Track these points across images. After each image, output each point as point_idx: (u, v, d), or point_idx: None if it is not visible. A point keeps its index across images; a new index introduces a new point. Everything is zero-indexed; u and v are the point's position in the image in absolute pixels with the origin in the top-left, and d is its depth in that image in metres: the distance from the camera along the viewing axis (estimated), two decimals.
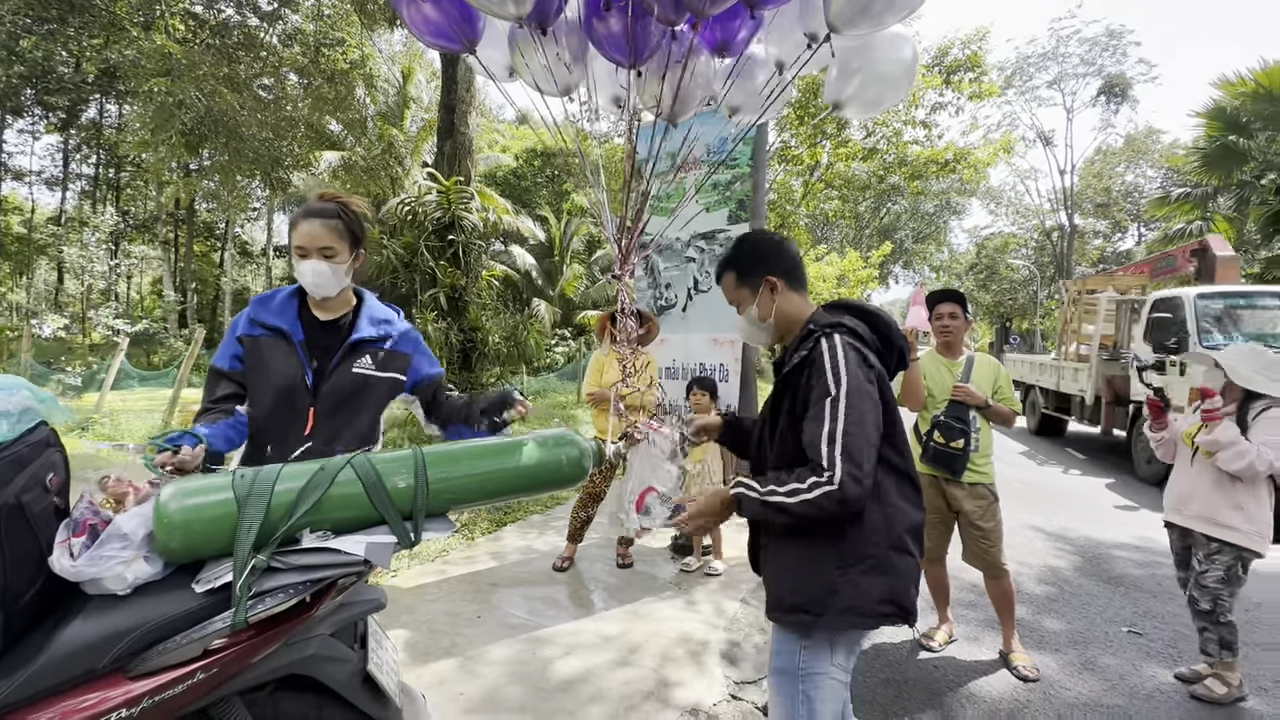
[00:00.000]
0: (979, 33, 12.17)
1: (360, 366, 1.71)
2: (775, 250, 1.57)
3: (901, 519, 1.39)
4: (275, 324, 1.68)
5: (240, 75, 10.58)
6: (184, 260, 27.20)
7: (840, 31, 1.77)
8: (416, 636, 2.87)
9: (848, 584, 1.34)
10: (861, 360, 1.38)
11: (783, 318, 1.55)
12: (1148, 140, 35.05)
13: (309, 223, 1.65)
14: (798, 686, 1.39)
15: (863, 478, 1.27)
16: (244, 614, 1.13)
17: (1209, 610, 2.51)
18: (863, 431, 1.30)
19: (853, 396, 1.32)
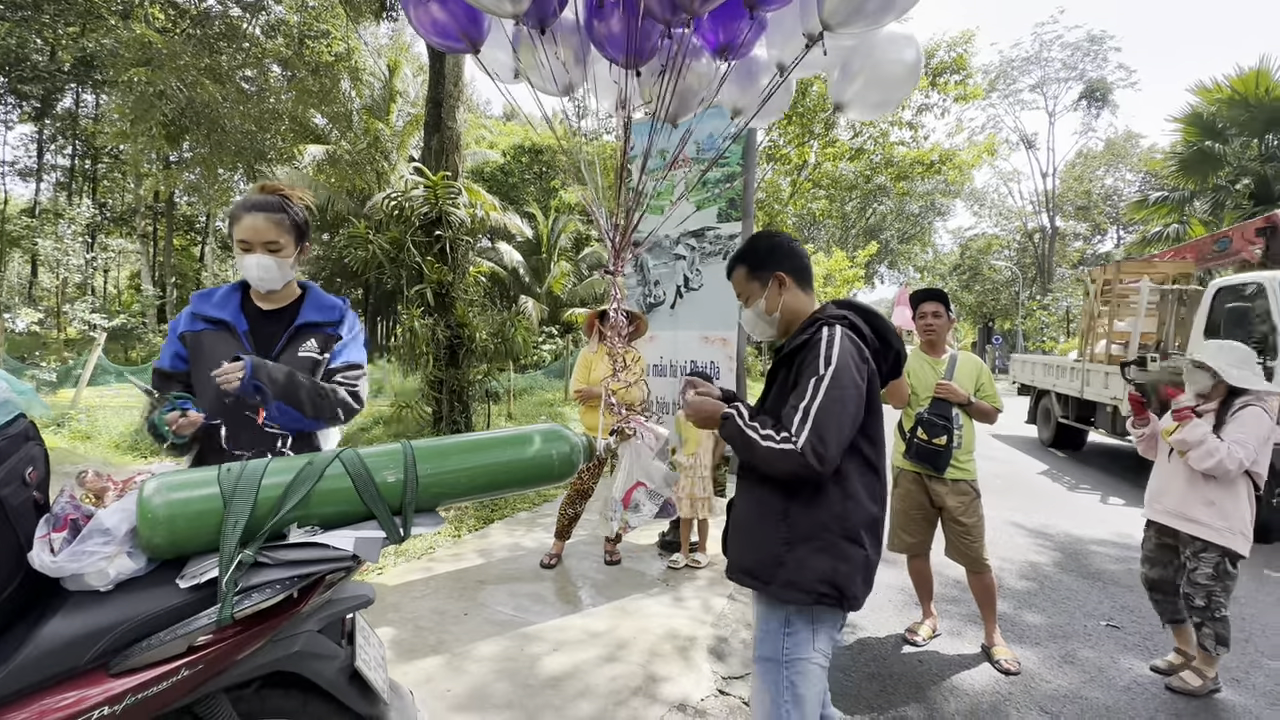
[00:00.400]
0: (965, 36, 12.31)
1: (306, 350, 1.70)
2: (787, 249, 1.65)
3: (859, 511, 1.45)
4: (217, 316, 1.67)
5: (222, 66, 10.40)
6: (163, 254, 26.70)
7: (834, 30, 1.77)
8: (403, 634, 2.86)
9: (793, 559, 1.43)
10: (856, 353, 1.44)
11: (788, 313, 1.62)
12: (1127, 144, 35.69)
13: (252, 216, 1.63)
14: (782, 673, 1.45)
15: (824, 453, 1.34)
16: (230, 610, 1.12)
17: (1203, 606, 2.55)
18: (836, 413, 1.37)
19: (836, 380, 1.39)
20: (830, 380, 1.39)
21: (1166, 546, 2.75)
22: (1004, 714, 2.47)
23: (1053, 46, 34.75)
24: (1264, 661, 2.94)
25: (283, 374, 1.57)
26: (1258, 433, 2.46)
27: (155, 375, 1.70)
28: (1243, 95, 13.02)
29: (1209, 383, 2.60)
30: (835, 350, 1.42)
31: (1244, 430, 2.47)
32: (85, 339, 16.06)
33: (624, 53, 1.91)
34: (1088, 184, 36.98)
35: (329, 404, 1.66)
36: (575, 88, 2.05)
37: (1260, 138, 13.37)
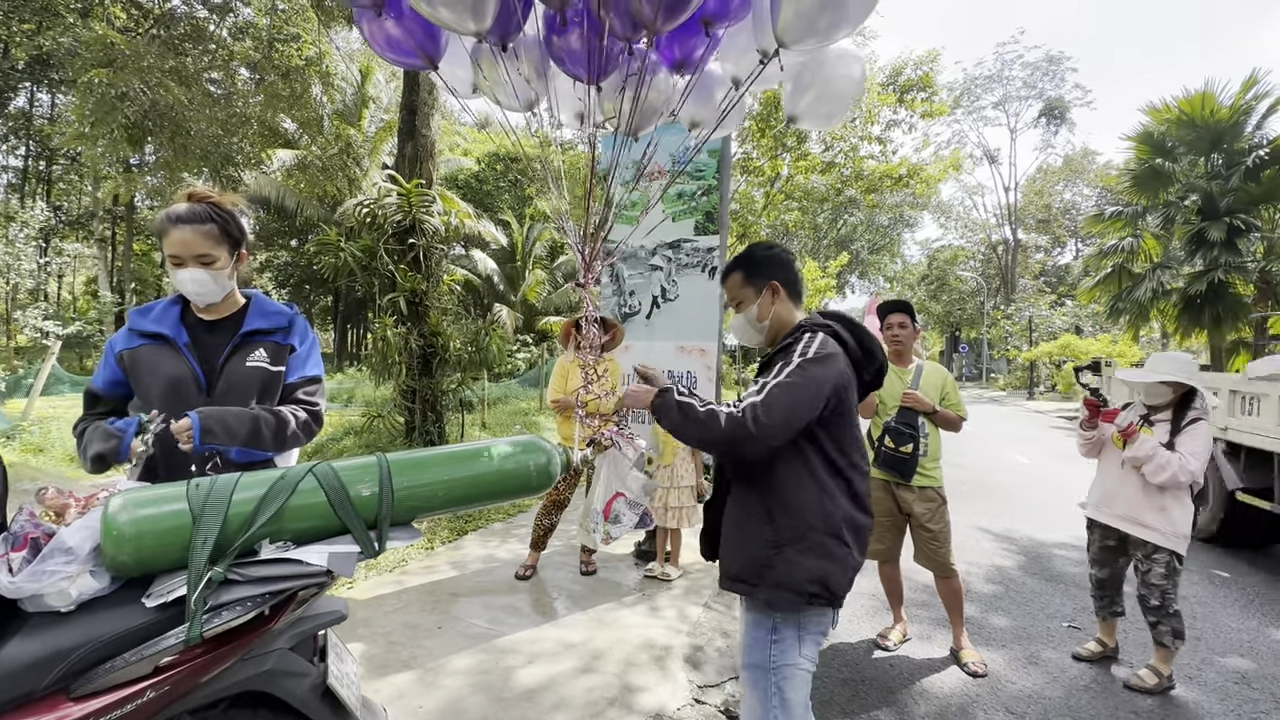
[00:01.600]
0: (930, 55, 12.70)
1: (255, 360, 1.64)
2: (783, 262, 1.70)
3: (840, 512, 1.48)
4: (155, 330, 1.60)
5: (188, 68, 10.16)
6: (122, 260, 25.84)
7: (788, 46, 1.83)
8: (374, 649, 2.80)
9: (782, 560, 1.45)
10: (830, 357, 1.48)
11: (777, 322, 1.67)
12: (1084, 161, 37.15)
13: (180, 230, 1.56)
14: (770, 679, 1.48)
15: (764, 420, 1.36)
16: (199, 629, 1.10)
17: (1159, 605, 2.67)
18: (792, 394, 1.40)
19: (802, 369, 1.43)
20: (796, 366, 1.44)
21: (1109, 548, 2.90)
22: (971, 715, 2.53)
23: (1014, 66, 36.12)
24: (1215, 659, 3.07)
25: (244, 426, 1.51)
26: (1207, 446, 2.62)
27: (86, 395, 1.64)
28: (1190, 116, 13.67)
29: (1170, 396, 2.73)
30: (813, 348, 1.48)
31: (1196, 443, 2.61)
32: (38, 347, 15.42)
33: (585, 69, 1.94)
34: (1048, 198, 38.35)
35: (292, 433, 1.61)
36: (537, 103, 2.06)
37: (1206, 156, 14.05)
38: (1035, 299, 33.16)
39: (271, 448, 1.59)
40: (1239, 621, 3.53)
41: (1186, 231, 13.98)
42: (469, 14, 1.74)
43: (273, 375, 1.67)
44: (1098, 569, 2.95)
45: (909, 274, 43.89)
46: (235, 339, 1.64)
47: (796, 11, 1.74)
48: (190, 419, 1.44)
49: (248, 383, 1.63)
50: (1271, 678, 2.89)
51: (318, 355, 1.77)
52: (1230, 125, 13.52)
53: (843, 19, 1.78)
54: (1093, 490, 2.97)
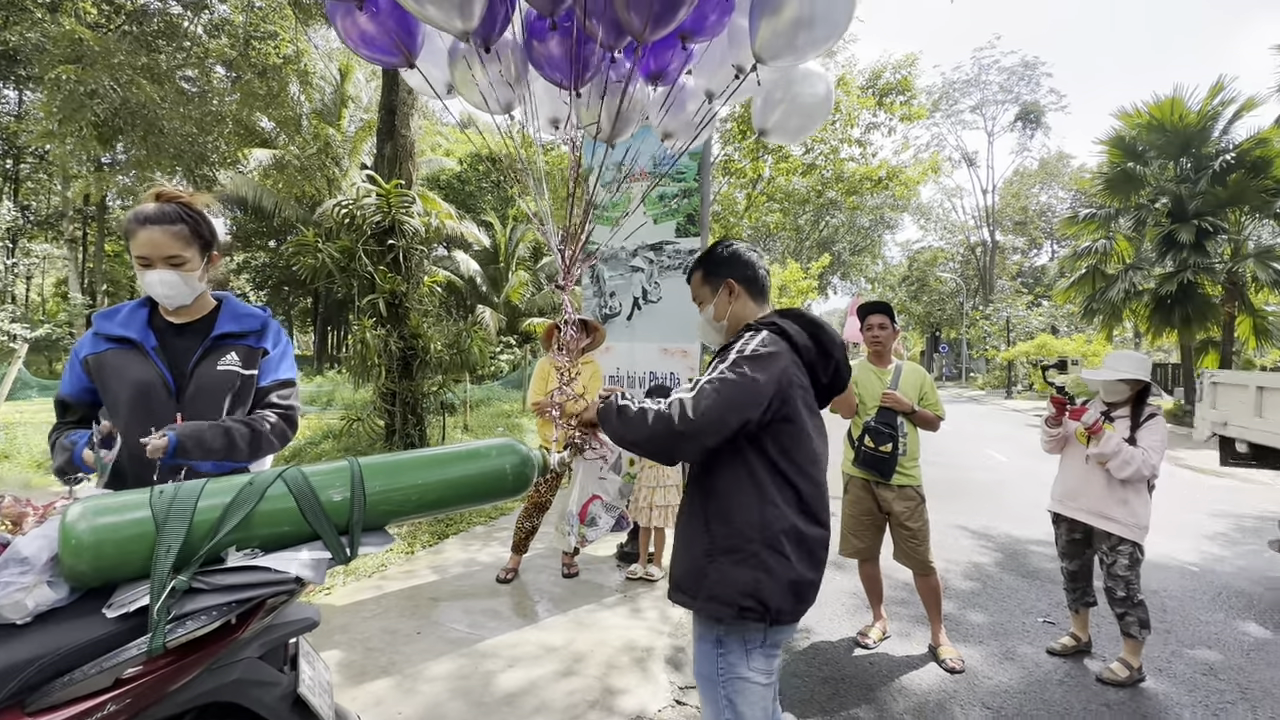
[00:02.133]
0: (909, 59, 12.87)
1: (226, 364, 1.60)
2: (742, 259, 1.64)
3: (779, 519, 1.39)
4: (122, 334, 1.56)
5: (161, 66, 9.95)
6: (94, 260, 25.24)
7: (765, 63, 1.88)
8: (352, 656, 2.76)
9: (715, 571, 1.40)
10: (770, 356, 1.41)
11: (734, 320, 1.61)
12: (1059, 164, 37.93)
13: (149, 230, 1.52)
14: (719, 691, 1.43)
15: (694, 419, 1.32)
16: (161, 639, 1.07)
17: (1125, 596, 2.75)
18: (724, 392, 1.35)
19: (734, 370, 1.38)
20: (730, 364, 1.39)
21: (1076, 541, 2.99)
22: (949, 712, 2.56)
23: (990, 70, 36.78)
24: (1184, 651, 3.14)
25: (219, 440, 1.48)
26: (1164, 439, 2.71)
27: (56, 404, 1.60)
28: (1160, 121, 14.03)
29: (1128, 393, 2.80)
30: (752, 345, 1.42)
31: (1154, 437, 2.70)
32: (4, 350, 14.99)
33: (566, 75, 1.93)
34: (1024, 200, 39.08)
35: (266, 440, 1.58)
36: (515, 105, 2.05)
37: (1176, 160, 14.42)
38: (1013, 299, 33.77)
39: (246, 457, 1.56)
40: (1208, 614, 3.62)
41: (1157, 234, 14.34)
42: (456, 12, 1.73)
43: (245, 379, 1.63)
44: (1068, 562, 3.02)
45: (890, 275, 44.43)
46: (206, 342, 1.60)
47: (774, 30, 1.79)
48: (167, 439, 1.39)
49: (218, 387, 1.59)
50: (1237, 669, 2.96)
51: (291, 358, 1.74)
52: (1199, 130, 13.90)
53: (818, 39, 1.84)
54: (1057, 485, 3.03)
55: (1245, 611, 3.67)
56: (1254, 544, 5.13)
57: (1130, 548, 2.75)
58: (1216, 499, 7.00)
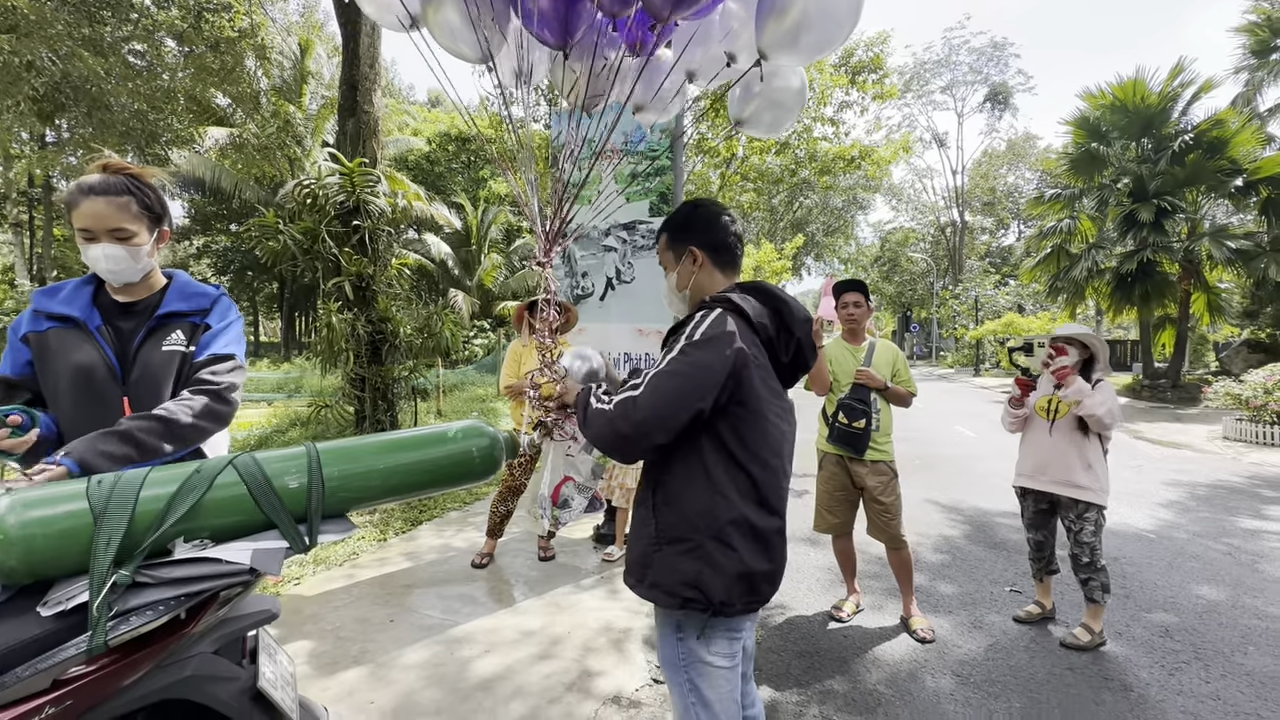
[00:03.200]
0: (881, 36, 12.85)
1: (170, 344, 1.52)
2: (709, 223, 1.50)
3: (728, 510, 1.32)
4: (64, 312, 1.47)
5: (105, 37, 9.41)
6: (41, 245, 24.10)
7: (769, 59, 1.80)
8: (322, 646, 2.70)
9: (660, 560, 1.35)
10: (720, 338, 1.30)
11: (698, 291, 1.49)
12: (1026, 145, 38.57)
13: (92, 201, 1.43)
14: (682, 675, 1.40)
15: (634, 415, 1.26)
16: (103, 636, 1.01)
17: (1089, 561, 2.85)
18: (667, 388, 1.27)
19: (683, 359, 1.29)
20: (678, 352, 1.30)
21: (1043, 511, 3.08)
22: (920, 680, 2.61)
23: (960, 51, 37.04)
24: (1142, 615, 3.26)
25: (121, 447, 1.32)
26: (1115, 399, 2.83)
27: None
28: (1123, 102, 14.30)
29: (1079, 357, 2.89)
30: (701, 329, 1.32)
31: (1107, 395, 2.82)
32: None
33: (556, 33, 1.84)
34: (992, 181, 39.71)
35: (190, 429, 1.43)
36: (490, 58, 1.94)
37: (1137, 141, 14.74)
38: (981, 279, 34.46)
39: (181, 447, 1.44)
40: (1164, 579, 3.76)
41: (1119, 213, 14.68)
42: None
43: (185, 358, 1.54)
44: (1034, 532, 3.11)
45: (863, 255, 44.92)
46: (150, 322, 1.52)
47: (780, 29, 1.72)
48: (65, 465, 1.23)
49: (163, 368, 1.51)
50: (1191, 630, 3.09)
51: (236, 334, 1.62)
52: (1159, 111, 14.20)
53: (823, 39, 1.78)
54: (1023, 462, 3.10)
55: (1199, 575, 3.82)
56: (1207, 511, 5.34)
57: (1096, 513, 2.85)
58: (1171, 469, 7.28)
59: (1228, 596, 3.51)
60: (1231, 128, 13.18)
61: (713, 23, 2.08)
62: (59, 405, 1.45)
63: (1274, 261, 13.01)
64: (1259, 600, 3.45)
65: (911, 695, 2.50)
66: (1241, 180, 13.31)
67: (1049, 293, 17.52)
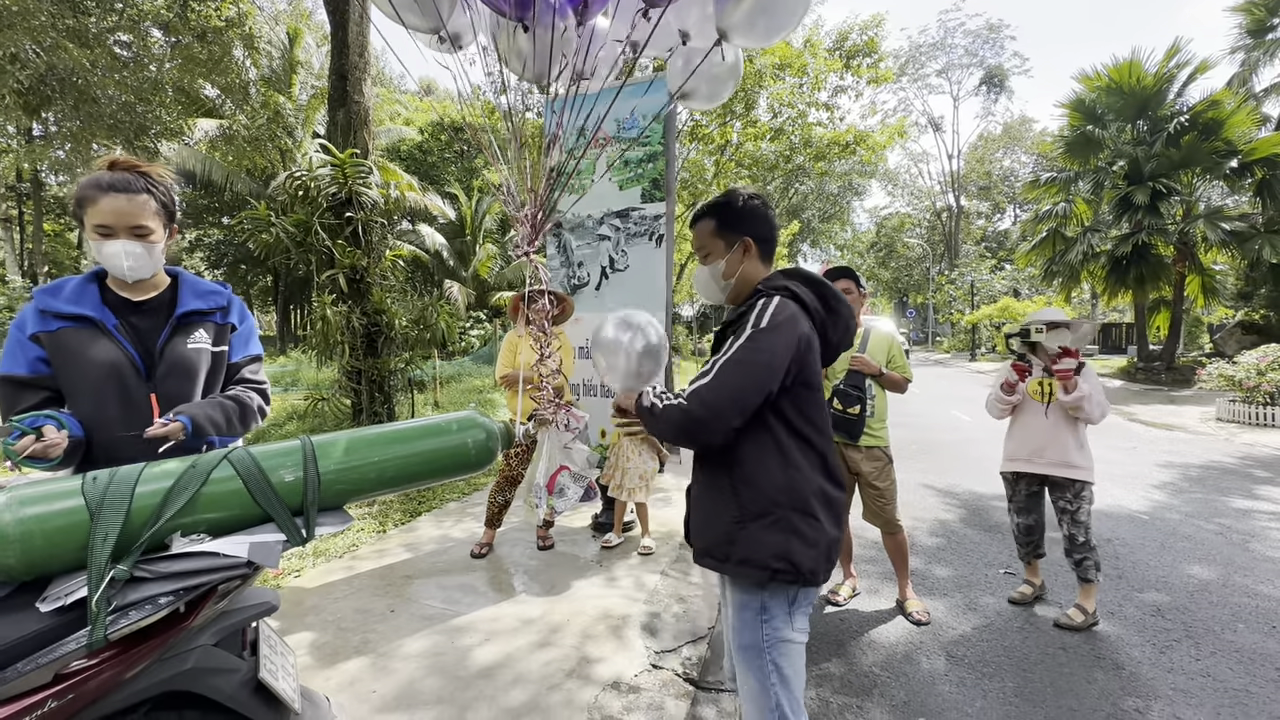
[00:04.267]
0: (875, 19, 12.74)
1: (196, 342, 1.56)
2: (762, 216, 1.55)
3: (805, 482, 1.39)
4: (76, 311, 1.46)
5: (89, 28, 9.28)
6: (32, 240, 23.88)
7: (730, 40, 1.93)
8: (323, 637, 2.72)
9: (745, 536, 1.38)
10: (786, 322, 1.37)
11: (743, 281, 1.54)
12: (1021, 128, 38.41)
13: (112, 198, 1.44)
14: (765, 658, 1.42)
15: (712, 404, 1.31)
16: (102, 631, 1.02)
17: (1084, 540, 2.90)
18: (741, 371, 1.32)
19: (753, 341, 1.34)
20: (747, 339, 1.35)
21: (1034, 494, 3.12)
22: (915, 662, 2.65)
23: (956, 34, 36.76)
24: (1134, 595, 3.30)
25: (220, 415, 1.52)
26: (1099, 384, 2.91)
27: (7, 386, 1.45)
28: (1118, 84, 14.23)
29: (1069, 337, 2.93)
30: (766, 315, 1.37)
31: (1094, 383, 2.88)
32: None
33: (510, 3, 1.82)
34: (988, 165, 39.58)
35: (252, 415, 1.62)
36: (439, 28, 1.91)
37: (1133, 123, 14.69)
38: (977, 264, 34.45)
39: (238, 432, 1.59)
40: (1156, 559, 3.81)
41: (1114, 196, 14.67)
42: None
43: (216, 356, 1.61)
44: (1025, 517, 3.14)
45: (859, 241, 44.82)
46: (172, 321, 1.55)
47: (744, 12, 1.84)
48: (182, 422, 1.42)
49: (190, 366, 1.55)
50: (1182, 609, 3.13)
51: (256, 333, 1.73)
52: (1155, 92, 14.15)
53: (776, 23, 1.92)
54: (1018, 446, 3.09)
55: (1191, 555, 3.87)
56: (1199, 492, 5.40)
57: (1090, 491, 2.92)
58: (1164, 450, 7.34)
59: (1219, 575, 3.55)
60: (1227, 108, 13.15)
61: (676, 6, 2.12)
62: (80, 403, 1.45)
63: (1268, 243, 13.03)
64: (1249, 579, 3.50)
65: (907, 676, 2.54)
66: (1236, 162, 13.30)
67: (1045, 276, 17.54)
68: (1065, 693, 2.41)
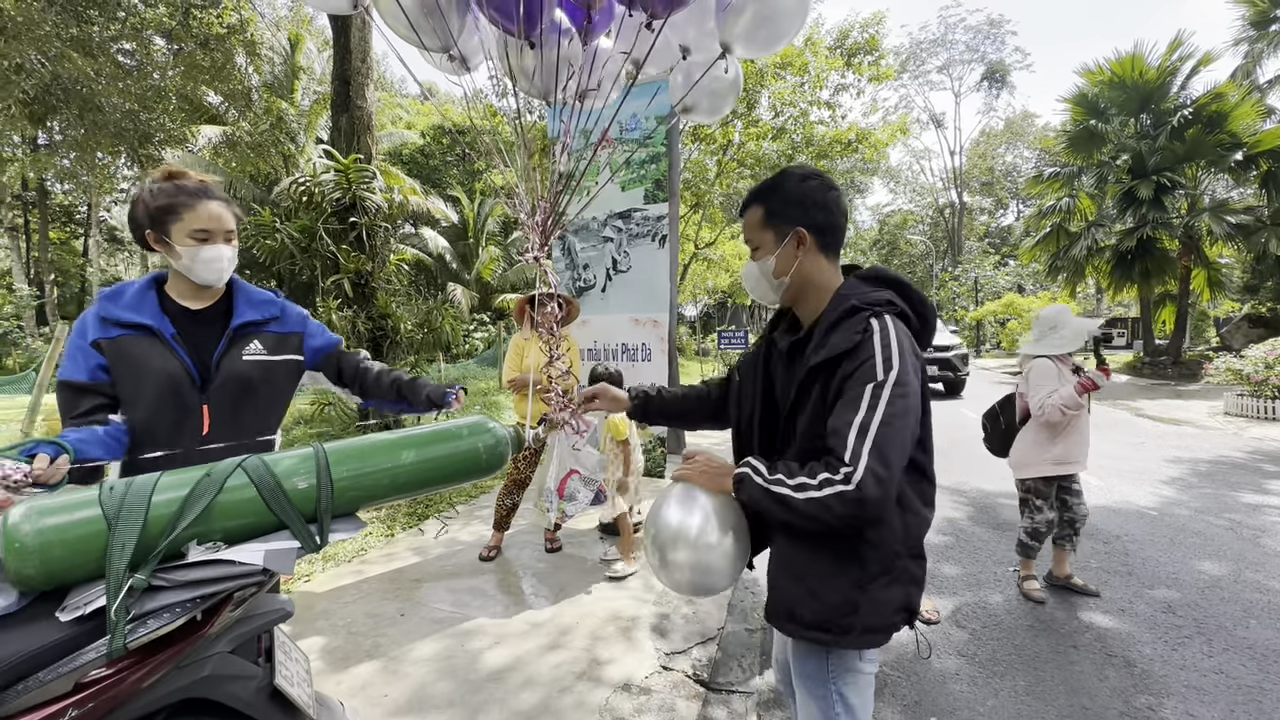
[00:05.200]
0: (876, 17, 12.72)
1: (251, 353, 1.59)
2: (820, 200, 1.27)
3: (920, 525, 1.25)
4: (137, 320, 1.49)
5: (93, 37, 9.33)
6: (38, 249, 24.03)
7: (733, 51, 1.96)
8: (335, 642, 2.74)
9: (868, 601, 1.20)
10: (912, 348, 1.19)
11: (801, 280, 1.29)
12: (1024, 123, 38.28)
13: (210, 204, 1.51)
14: (830, 688, 1.28)
15: (888, 481, 1.07)
16: (121, 640, 1.02)
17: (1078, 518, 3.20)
18: (901, 428, 1.10)
19: (899, 388, 1.11)
20: (893, 386, 1.10)
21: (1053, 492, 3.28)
22: (927, 661, 2.64)
23: (957, 30, 36.68)
24: (1145, 591, 3.29)
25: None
26: None
27: (66, 390, 1.46)
28: (1120, 78, 14.18)
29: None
30: (894, 350, 1.13)
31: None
32: None
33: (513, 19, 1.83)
34: (990, 161, 39.46)
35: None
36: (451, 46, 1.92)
37: (1136, 117, 14.63)
38: (980, 260, 34.37)
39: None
40: (1166, 555, 3.79)
41: (1118, 190, 14.60)
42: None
43: (273, 365, 1.62)
44: (1053, 513, 3.24)
45: (862, 239, 44.77)
46: (229, 332, 1.57)
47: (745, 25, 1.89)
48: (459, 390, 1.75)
49: (245, 377, 1.57)
50: (1193, 604, 3.12)
51: (320, 324, 1.79)
52: (1158, 86, 14.08)
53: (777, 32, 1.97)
54: (1073, 450, 3.10)
55: (1201, 551, 3.85)
56: (1209, 487, 5.37)
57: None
58: (1172, 445, 7.30)
59: (1230, 571, 3.53)
60: (1231, 101, 13.08)
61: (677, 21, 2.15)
62: (136, 410, 1.47)
63: (1274, 235, 12.95)
64: (1260, 574, 3.48)
65: (918, 675, 2.53)
66: (1241, 154, 13.22)
67: (1049, 272, 17.47)
68: (1077, 690, 2.41)
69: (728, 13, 1.87)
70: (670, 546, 1.27)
